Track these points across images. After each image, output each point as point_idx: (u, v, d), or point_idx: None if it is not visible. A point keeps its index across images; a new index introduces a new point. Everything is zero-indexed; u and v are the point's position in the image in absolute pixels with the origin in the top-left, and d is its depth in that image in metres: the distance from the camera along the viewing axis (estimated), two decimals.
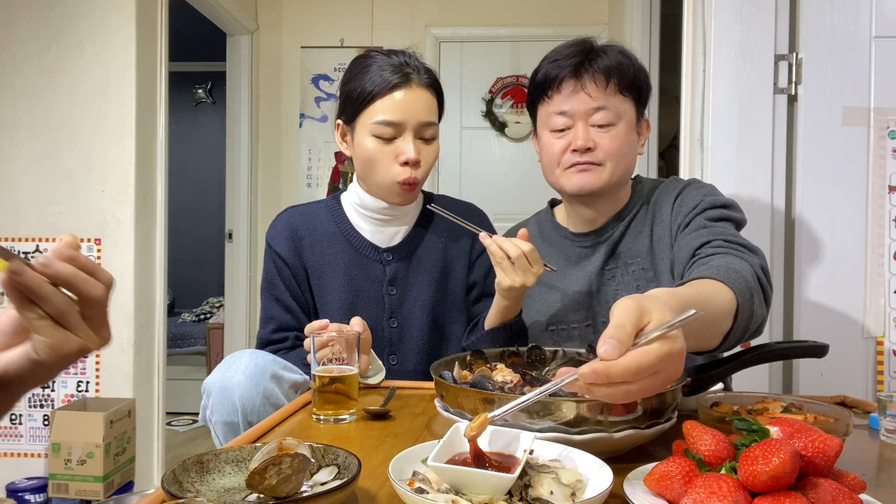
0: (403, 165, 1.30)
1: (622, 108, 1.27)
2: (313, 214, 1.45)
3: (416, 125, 1.30)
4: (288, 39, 3.95)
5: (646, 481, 0.66)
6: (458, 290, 1.43)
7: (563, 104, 1.27)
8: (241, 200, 3.89)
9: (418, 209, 1.46)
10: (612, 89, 1.26)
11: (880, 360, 1.74)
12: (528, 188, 3.88)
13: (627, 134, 1.28)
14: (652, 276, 1.30)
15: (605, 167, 1.27)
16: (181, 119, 5.31)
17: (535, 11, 3.86)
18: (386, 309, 1.39)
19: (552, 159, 1.30)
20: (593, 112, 1.25)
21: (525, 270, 1.16)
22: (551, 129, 1.29)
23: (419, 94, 1.31)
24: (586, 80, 1.25)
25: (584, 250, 1.36)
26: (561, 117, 1.27)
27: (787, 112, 1.79)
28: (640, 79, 1.29)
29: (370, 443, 0.92)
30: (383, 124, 1.29)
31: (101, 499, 2.38)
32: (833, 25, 1.73)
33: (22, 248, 2.67)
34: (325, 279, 1.40)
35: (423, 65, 1.36)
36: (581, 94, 1.25)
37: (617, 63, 1.26)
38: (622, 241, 1.34)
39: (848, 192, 1.73)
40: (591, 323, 1.33)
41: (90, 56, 2.65)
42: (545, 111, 1.31)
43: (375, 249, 1.41)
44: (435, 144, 1.35)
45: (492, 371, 1.02)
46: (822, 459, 0.60)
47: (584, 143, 1.25)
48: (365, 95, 1.30)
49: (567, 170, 1.28)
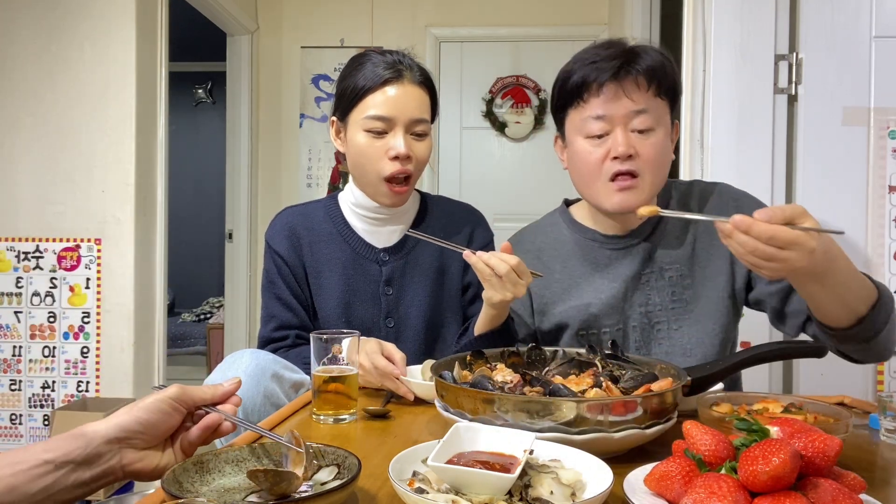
0: (393, 160, 1.30)
1: (660, 112, 1.22)
2: (311, 214, 1.45)
3: (407, 121, 1.30)
4: (288, 39, 3.95)
5: (646, 481, 0.66)
6: (453, 291, 1.43)
7: (601, 108, 1.19)
8: (241, 200, 3.89)
9: (415, 209, 1.46)
10: (653, 92, 1.20)
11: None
12: (528, 188, 3.89)
13: (664, 140, 1.23)
14: (689, 283, 1.27)
15: (645, 180, 1.21)
16: (181, 119, 5.31)
17: (535, 11, 3.86)
18: (383, 308, 1.40)
19: (591, 169, 1.22)
20: (633, 116, 1.18)
21: (514, 284, 1.13)
22: (587, 135, 1.21)
23: (411, 91, 1.31)
24: (628, 82, 1.18)
25: (614, 253, 1.31)
26: (598, 122, 1.20)
27: (787, 112, 1.79)
28: (676, 81, 1.24)
29: (370, 443, 0.92)
30: (374, 119, 1.30)
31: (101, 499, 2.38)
32: (833, 25, 1.73)
33: (22, 249, 2.68)
34: (323, 278, 1.40)
35: (417, 63, 1.36)
36: (623, 98, 1.18)
37: (659, 64, 1.20)
38: (658, 248, 1.29)
39: (848, 192, 1.73)
40: (622, 328, 1.30)
41: (90, 56, 2.65)
42: (579, 116, 1.22)
43: (372, 249, 1.41)
44: (427, 141, 1.35)
45: (492, 371, 1.02)
46: (822, 459, 0.60)
47: (625, 150, 1.17)
48: (357, 90, 1.31)
49: (608, 183, 1.21)
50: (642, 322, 1.29)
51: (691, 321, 1.28)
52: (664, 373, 0.98)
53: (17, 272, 2.69)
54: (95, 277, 2.67)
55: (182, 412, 0.76)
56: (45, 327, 2.68)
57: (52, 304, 2.68)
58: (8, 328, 2.69)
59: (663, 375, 0.96)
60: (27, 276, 2.68)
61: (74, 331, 2.68)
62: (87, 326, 2.68)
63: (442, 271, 1.43)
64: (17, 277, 2.69)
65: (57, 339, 2.68)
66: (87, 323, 2.67)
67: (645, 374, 0.96)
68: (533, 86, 3.88)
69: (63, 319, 2.68)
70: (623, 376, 0.97)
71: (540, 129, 3.89)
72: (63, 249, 2.67)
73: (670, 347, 1.29)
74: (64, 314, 2.68)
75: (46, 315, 2.68)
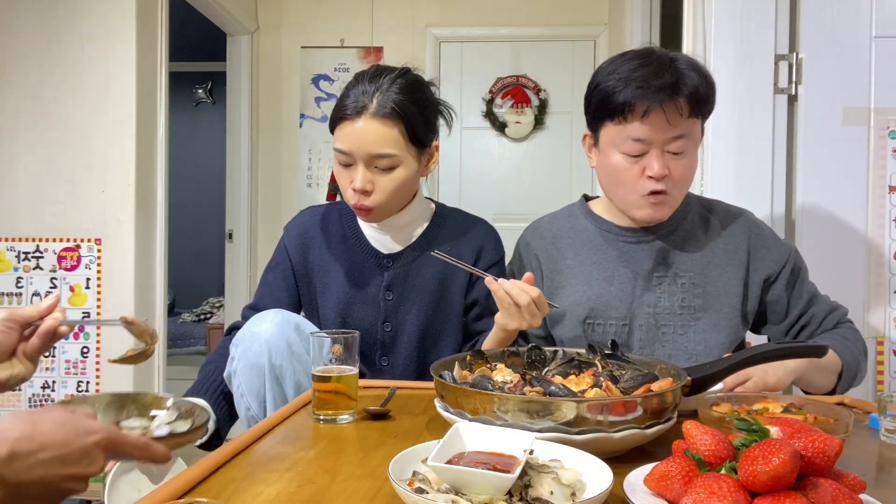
0: (354, 192, 1.32)
1: (695, 132, 1.26)
2: (329, 216, 1.49)
3: (365, 156, 1.29)
4: (288, 39, 3.95)
5: (646, 481, 0.66)
6: (453, 305, 1.43)
7: (643, 133, 1.22)
8: (241, 200, 3.89)
9: (426, 220, 1.46)
10: (693, 114, 1.23)
11: (880, 360, 1.75)
12: (529, 188, 3.89)
13: (694, 158, 1.28)
14: (700, 293, 1.32)
15: (673, 196, 1.27)
16: (181, 119, 5.31)
17: (535, 11, 3.86)
18: (381, 312, 1.41)
19: (627, 185, 1.27)
20: (671, 141, 1.23)
21: (532, 315, 1.14)
22: (626, 152, 1.25)
23: (369, 127, 1.28)
24: (672, 109, 1.21)
25: (628, 245, 1.36)
26: (638, 143, 1.24)
27: (787, 112, 1.79)
28: (712, 97, 1.27)
29: (370, 443, 0.92)
30: (338, 152, 1.32)
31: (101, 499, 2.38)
32: (833, 25, 1.73)
33: (22, 249, 2.68)
34: (329, 278, 1.44)
35: (394, 91, 1.30)
36: (664, 125, 1.21)
37: (704, 88, 1.23)
38: (672, 251, 1.34)
39: (848, 192, 1.73)
40: (628, 323, 1.33)
41: (90, 56, 2.65)
42: (618, 133, 1.25)
43: (377, 254, 1.43)
44: (394, 174, 1.31)
45: (492, 371, 1.02)
46: (822, 459, 0.60)
47: (661, 172, 1.23)
48: (333, 119, 1.34)
49: (644, 197, 1.26)
50: (649, 322, 1.32)
51: (697, 329, 1.31)
52: (664, 373, 0.98)
53: (17, 272, 2.69)
54: (95, 277, 2.67)
55: (16, 329, 0.89)
56: None
57: None
58: None
59: (663, 375, 0.96)
60: (27, 276, 2.68)
61: (74, 331, 2.68)
62: (87, 326, 2.68)
63: (444, 284, 1.43)
64: (17, 277, 2.69)
65: None
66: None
67: (645, 375, 0.96)
68: (533, 86, 3.88)
69: None
70: (623, 376, 0.97)
71: (540, 129, 3.89)
72: (63, 249, 2.67)
73: (674, 350, 1.31)
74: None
75: None
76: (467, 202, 3.90)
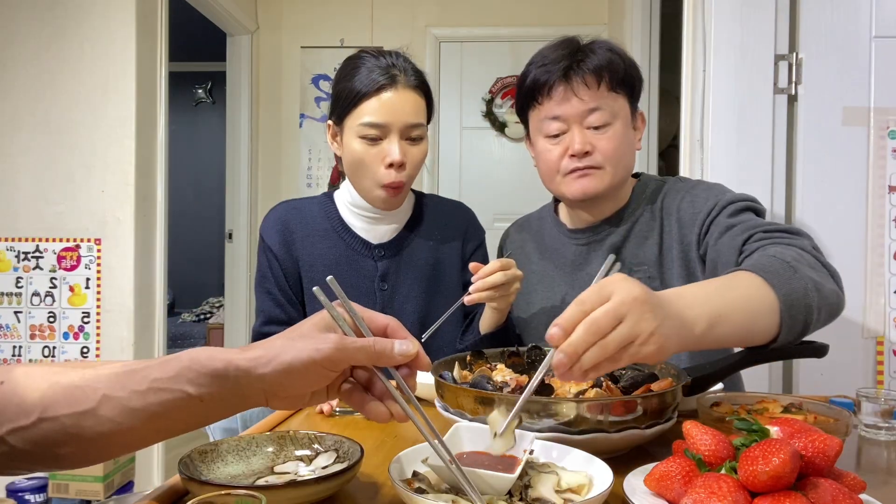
0: (389, 168, 1.30)
1: (616, 107, 1.24)
2: (306, 209, 1.46)
3: (402, 126, 1.30)
4: (288, 39, 3.95)
5: (646, 481, 0.66)
6: (449, 289, 1.44)
7: (556, 109, 1.24)
8: (241, 200, 3.89)
9: (410, 208, 1.47)
10: (604, 88, 1.23)
11: (880, 360, 1.75)
12: (528, 188, 3.87)
13: (624, 132, 1.26)
14: (658, 286, 1.26)
15: (606, 170, 1.25)
16: (181, 119, 5.32)
17: (535, 11, 3.86)
18: (378, 304, 1.41)
19: (550, 167, 1.28)
20: (587, 114, 1.23)
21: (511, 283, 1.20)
22: (546, 134, 1.27)
23: (405, 96, 1.30)
24: (577, 82, 1.22)
25: (580, 248, 1.35)
26: (555, 122, 1.25)
27: (787, 112, 1.79)
28: (631, 74, 1.26)
29: (370, 443, 0.92)
30: (369, 126, 1.29)
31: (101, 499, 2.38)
32: (833, 25, 1.73)
33: (22, 249, 2.68)
34: (316, 273, 1.41)
35: (412, 66, 1.35)
36: (573, 98, 1.23)
37: (606, 61, 1.23)
38: (626, 246, 1.30)
39: (848, 192, 1.73)
40: None
41: (90, 56, 2.65)
42: (537, 117, 1.28)
43: (367, 246, 1.42)
44: (422, 145, 1.35)
45: (492, 371, 1.02)
46: (822, 459, 0.60)
47: (581, 148, 1.22)
48: (352, 97, 1.31)
49: (567, 176, 1.26)
50: None
51: None
52: (664, 373, 0.98)
53: (17, 272, 2.69)
54: (95, 277, 2.67)
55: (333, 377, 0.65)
56: (45, 327, 2.68)
57: (52, 304, 2.68)
58: (8, 328, 2.69)
59: (663, 375, 0.96)
60: (27, 276, 2.68)
61: (74, 331, 2.68)
62: (87, 326, 2.68)
63: (437, 269, 1.44)
64: (17, 277, 2.69)
65: (57, 339, 2.68)
66: (87, 323, 2.67)
67: (645, 375, 0.96)
68: None
69: (63, 319, 2.68)
70: (623, 376, 0.97)
71: None
72: (63, 249, 2.67)
73: None
74: (64, 314, 2.68)
75: (46, 315, 2.68)
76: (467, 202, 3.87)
